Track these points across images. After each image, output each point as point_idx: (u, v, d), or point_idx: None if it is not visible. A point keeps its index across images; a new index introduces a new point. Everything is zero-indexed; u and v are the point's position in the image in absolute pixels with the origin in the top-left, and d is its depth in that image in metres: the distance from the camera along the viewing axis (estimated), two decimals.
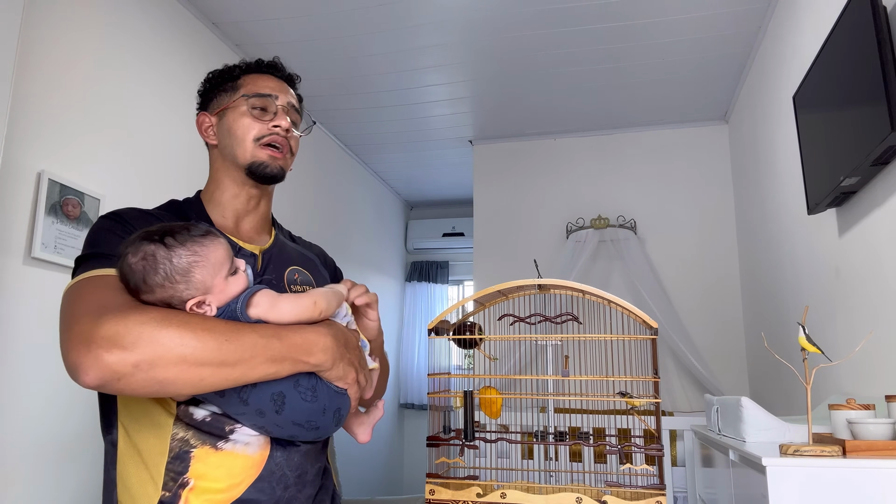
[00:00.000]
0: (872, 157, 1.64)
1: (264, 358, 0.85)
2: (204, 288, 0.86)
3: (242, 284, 0.90)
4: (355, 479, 4.39)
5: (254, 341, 0.84)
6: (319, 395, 0.91)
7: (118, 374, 0.76)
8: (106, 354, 0.76)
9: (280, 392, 0.88)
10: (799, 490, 1.23)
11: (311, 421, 0.92)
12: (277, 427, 0.91)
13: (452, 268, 5.82)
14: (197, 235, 0.88)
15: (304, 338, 0.89)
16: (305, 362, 0.89)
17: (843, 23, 1.81)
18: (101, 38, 2.28)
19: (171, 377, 0.79)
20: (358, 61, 3.23)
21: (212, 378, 0.81)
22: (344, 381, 0.94)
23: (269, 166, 1.08)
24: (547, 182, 4.22)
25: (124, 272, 0.86)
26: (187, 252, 0.86)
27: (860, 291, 1.95)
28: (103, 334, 0.77)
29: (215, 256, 0.88)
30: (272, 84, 1.12)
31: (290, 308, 0.90)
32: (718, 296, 3.79)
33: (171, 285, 0.84)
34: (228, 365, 0.82)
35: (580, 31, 2.96)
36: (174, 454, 0.90)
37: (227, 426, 0.91)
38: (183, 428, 0.91)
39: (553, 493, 1.44)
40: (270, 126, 1.08)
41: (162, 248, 0.85)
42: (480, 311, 1.81)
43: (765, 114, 2.99)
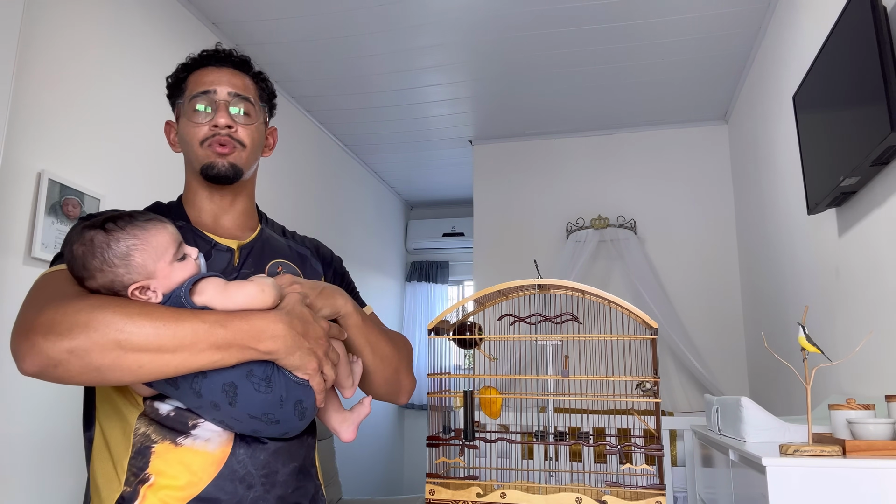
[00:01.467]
0: (872, 157, 1.64)
1: (207, 344, 0.81)
2: (146, 273, 0.85)
3: (190, 271, 0.88)
4: (355, 479, 4.39)
5: (195, 327, 0.81)
6: (275, 385, 0.87)
7: (54, 361, 0.75)
8: (42, 341, 0.75)
9: (231, 382, 0.85)
10: (799, 490, 1.23)
11: (268, 414, 0.88)
12: (236, 421, 0.88)
13: (452, 268, 5.82)
14: (139, 221, 0.87)
15: (252, 324, 0.85)
16: (254, 349, 0.85)
17: (842, 23, 1.81)
18: (101, 38, 2.28)
19: (108, 363, 0.77)
20: (358, 61, 3.23)
21: (150, 365, 0.79)
22: (303, 371, 0.89)
23: (216, 167, 1.04)
24: (547, 182, 4.22)
25: (68, 260, 0.86)
26: (127, 236, 0.85)
27: (860, 291, 1.95)
28: (41, 321, 0.77)
29: (157, 241, 0.86)
30: (212, 76, 1.07)
31: (237, 294, 0.87)
32: (718, 296, 3.79)
33: (109, 269, 0.83)
34: (167, 351, 0.79)
35: (580, 31, 2.96)
36: (136, 449, 0.89)
37: (189, 421, 0.90)
38: (146, 423, 0.90)
39: (553, 493, 1.44)
40: (211, 126, 1.04)
41: (101, 233, 0.84)
42: (480, 311, 1.81)
43: (765, 114, 2.99)
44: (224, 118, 1.04)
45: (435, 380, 1.69)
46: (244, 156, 1.07)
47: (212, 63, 1.09)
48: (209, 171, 1.04)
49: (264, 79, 1.16)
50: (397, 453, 5.41)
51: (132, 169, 2.38)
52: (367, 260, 4.83)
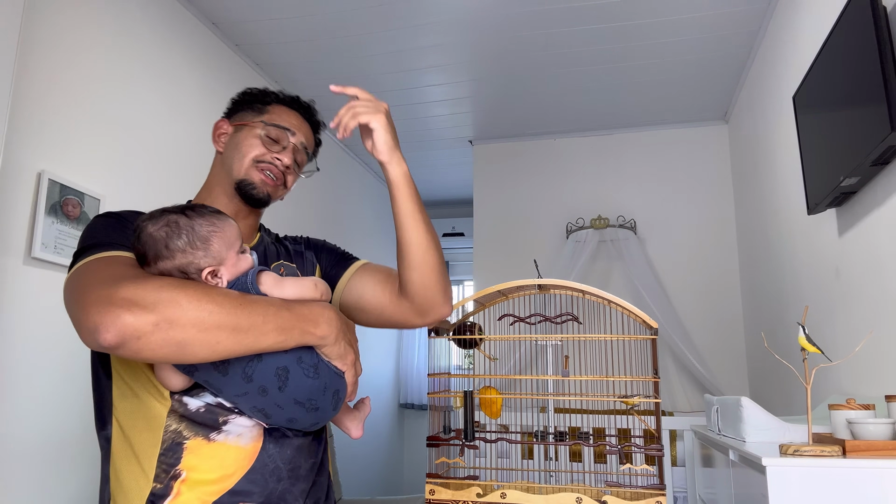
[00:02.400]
0: (872, 157, 1.64)
1: (274, 325, 0.87)
2: (219, 258, 0.90)
3: (249, 263, 0.94)
4: (355, 479, 4.39)
5: (265, 309, 0.87)
6: (321, 372, 0.93)
7: (138, 332, 0.77)
8: (126, 313, 0.77)
9: (284, 367, 0.90)
10: (799, 490, 1.23)
11: (312, 399, 0.93)
12: (277, 407, 0.92)
13: (452, 268, 5.83)
14: (212, 212, 0.93)
15: (311, 309, 0.92)
16: (312, 333, 0.91)
17: (843, 23, 1.81)
18: (101, 38, 2.28)
19: (189, 338, 0.80)
20: (358, 61, 3.23)
21: (227, 342, 0.83)
22: (343, 361, 0.95)
23: (256, 188, 1.10)
24: (547, 182, 4.22)
25: (143, 241, 0.89)
26: (206, 222, 0.91)
27: (860, 291, 1.95)
28: (123, 296, 0.79)
29: (230, 231, 0.93)
30: (295, 122, 1.15)
31: (293, 286, 0.95)
32: (718, 296, 3.79)
33: (192, 251, 0.88)
34: (242, 330, 0.84)
35: (580, 31, 2.96)
36: (166, 446, 0.91)
37: (220, 417, 0.93)
38: (176, 420, 0.92)
39: (553, 493, 1.44)
40: (274, 156, 1.11)
41: (184, 217, 0.90)
42: (480, 311, 1.81)
43: (765, 114, 2.99)
44: (289, 160, 1.12)
45: (435, 380, 1.69)
46: (281, 193, 1.15)
47: (302, 112, 1.19)
48: (248, 189, 1.10)
49: (319, 144, 1.25)
50: (397, 453, 5.41)
51: (132, 169, 2.38)
52: (367, 260, 4.83)
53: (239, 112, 1.16)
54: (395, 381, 5.44)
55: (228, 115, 1.17)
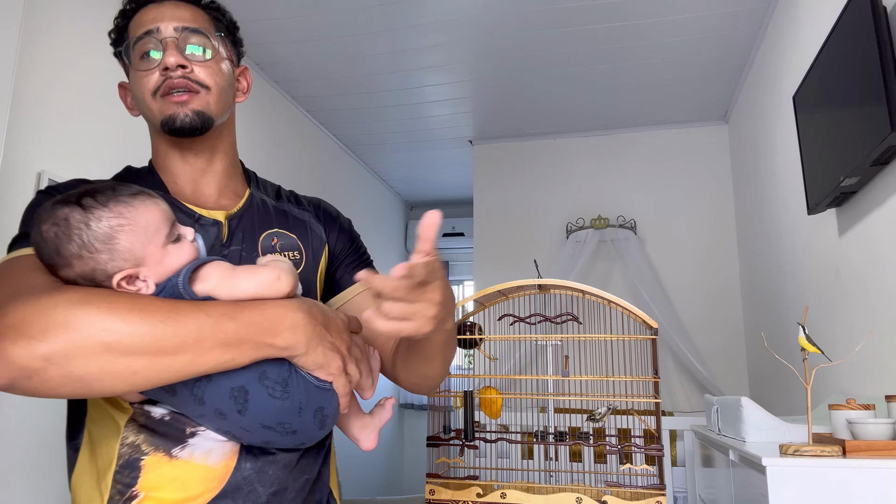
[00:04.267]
0: (872, 157, 1.64)
1: (215, 342, 0.68)
2: (134, 259, 0.71)
3: (188, 255, 0.75)
4: (355, 479, 4.39)
5: (199, 322, 0.68)
6: (293, 389, 0.74)
7: (27, 371, 0.62)
8: (10, 347, 0.61)
9: (241, 386, 0.72)
10: (799, 490, 1.23)
11: (283, 423, 0.75)
12: (245, 431, 0.75)
13: (452, 268, 5.83)
14: (124, 195, 0.72)
15: (267, 314, 0.71)
16: (270, 345, 0.71)
17: (843, 23, 1.81)
18: (101, 38, 2.28)
19: (95, 371, 0.64)
20: (358, 61, 3.23)
21: (147, 371, 0.66)
22: (326, 371, 0.76)
23: (177, 118, 0.87)
24: (547, 182, 4.22)
25: (37, 244, 0.71)
26: (110, 214, 0.70)
27: (860, 291, 1.95)
28: (9, 322, 0.62)
29: (146, 219, 0.72)
30: (153, 13, 0.90)
31: (247, 282, 0.73)
32: (718, 296, 3.79)
33: (90, 255, 0.69)
34: (167, 353, 0.66)
35: (580, 31, 2.96)
36: (123, 462, 0.76)
37: (187, 428, 0.76)
38: (134, 431, 0.76)
39: (553, 493, 1.44)
40: (161, 71, 0.86)
41: (77, 211, 0.70)
42: (480, 311, 1.81)
43: (765, 114, 2.99)
44: (173, 56, 0.86)
45: None
46: (211, 100, 0.89)
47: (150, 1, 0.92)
48: (171, 125, 0.87)
49: (217, 7, 0.97)
50: (397, 453, 5.41)
51: None
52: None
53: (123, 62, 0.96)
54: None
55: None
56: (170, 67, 0.86)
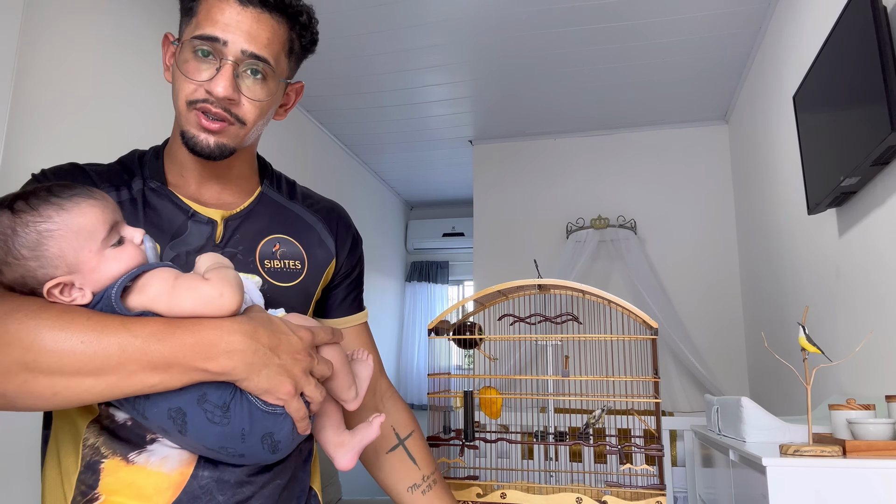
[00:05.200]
0: (872, 157, 1.64)
1: (140, 365, 0.64)
2: (66, 265, 0.66)
3: (130, 261, 0.69)
4: (355, 479, 4.39)
5: (123, 343, 0.64)
6: (234, 414, 0.69)
7: None
8: None
9: (178, 408, 0.68)
10: (799, 490, 1.23)
11: (226, 448, 0.71)
12: (195, 448, 0.73)
13: (452, 268, 5.83)
14: (58, 197, 0.67)
15: (199, 336, 0.66)
16: (203, 370, 0.67)
17: (843, 23, 1.81)
18: (101, 39, 2.28)
19: (14, 389, 0.61)
20: (358, 61, 3.23)
21: (67, 392, 0.62)
22: (274, 396, 0.70)
23: (197, 142, 0.80)
24: (547, 182, 4.22)
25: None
26: (38, 218, 0.66)
27: (860, 291, 1.95)
28: None
29: (78, 222, 0.67)
30: (229, 16, 0.78)
31: (186, 297, 0.67)
32: (718, 296, 3.79)
33: (17, 262, 0.65)
34: (88, 374, 0.62)
35: (580, 31, 2.96)
36: (85, 463, 0.73)
37: (148, 433, 0.73)
38: (95, 433, 0.73)
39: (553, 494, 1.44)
40: (205, 89, 0.78)
41: (6, 216, 0.66)
42: (480, 311, 1.81)
43: (765, 114, 2.99)
44: (224, 89, 0.77)
45: (435, 380, 1.69)
46: (241, 133, 0.82)
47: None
48: (188, 143, 0.80)
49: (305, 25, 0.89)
50: None
51: None
52: (367, 260, 4.81)
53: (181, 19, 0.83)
54: (395, 381, 5.44)
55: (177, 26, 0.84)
56: (216, 95, 0.78)
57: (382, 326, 5.15)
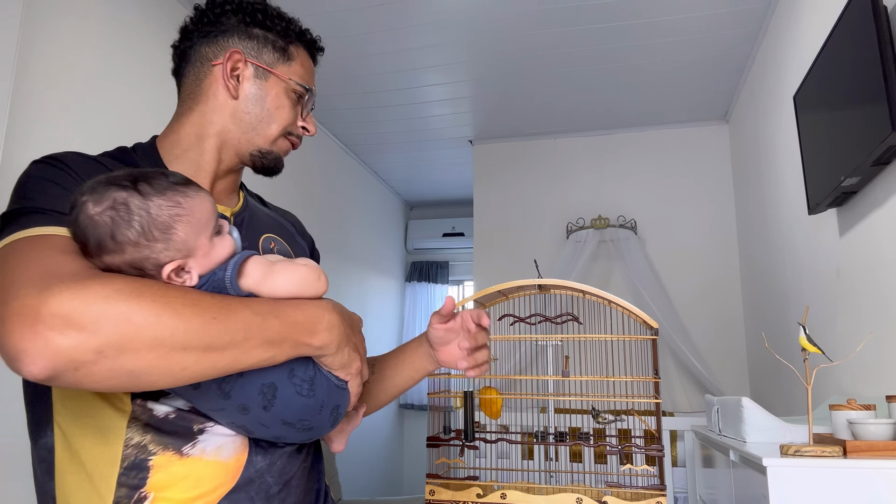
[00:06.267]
0: (873, 157, 1.64)
1: (260, 340, 0.69)
2: (186, 249, 0.70)
3: (229, 249, 0.74)
4: (355, 479, 4.39)
5: (247, 320, 0.68)
6: (317, 388, 0.76)
7: (76, 363, 0.59)
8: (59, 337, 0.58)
9: (272, 383, 0.73)
10: (799, 490, 1.22)
11: (304, 420, 0.76)
12: (262, 427, 0.76)
13: (452, 268, 5.82)
14: (178, 183, 0.71)
15: (306, 313, 0.73)
16: (307, 344, 0.73)
17: (843, 23, 1.81)
18: (101, 38, 2.28)
19: (145, 365, 0.62)
20: (358, 61, 3.23)
21: (196, 366, 0.65)
22: (347, 371, 0.78)
23: (280, 161, 0.94)
24: (547, 182, 4.22)
25: (83, 226, 0.67)
26: (168, 203, 0.69)
27: (861, 291, 1.95)
28: (54, 310, 0.59)
29: (201, 211, 0.71)
30: (312, 70, 0.98)
31: (288, 280, 0.74)
32: (718, 296, 3.79)
33: (146, 244, 0.67)
34: (217, 349, 0.66)
35: (580, 31, 2.96)
36: (128, 464, 0.73)
37: (195, 424, 0.75)
38: (139, 431, 0.74)
39: (553, 494, 1.44)
40: (300, 126, 0.95)
41: (136, 196, 0.67)
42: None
43: (765, 114, 2.98)
44: (314, 128, 0.96)
45: (435, 380, 1.69)
46: None
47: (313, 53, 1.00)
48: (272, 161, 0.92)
49: None
50: (397, 453, 5.41)
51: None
52: (367, 260, 4.83)
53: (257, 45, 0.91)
54: None
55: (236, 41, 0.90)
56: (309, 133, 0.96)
57: (382, 326, 5.15)
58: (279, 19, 0.94)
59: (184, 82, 0.93)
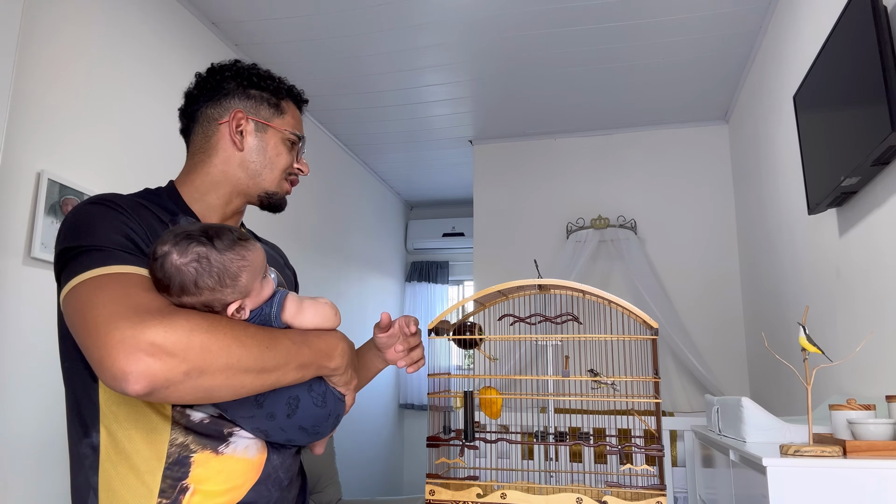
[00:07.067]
0: (873, 157, 1.64)
1: (296, 364, 0.87)
2: (245, 292, 0.87)
3: (271, 288, 0.91)
4: (355, 479, 4.39)
5: (288, 348, 0.87)
6: (328, 400, 0.94)
7: (168, 382, 0.75)
8: (156, 363, 0.74)
9: (296, 396, 0.90)
10: (799, 490, 1.23)
11: (315, 426, 0.94)
12: (280, 431, 0.92)
13: (452, 268, 5.82)
14: (241, 239, 0.88)
15: (327, 342, 0.93)
16: (325, 367, 0.92)
17: (843, 23, 1.81)
18: (100, 38, 2.28)
19: (217, 384, 0.79)
20: (358, 61, 3.23)
21: (251, 385, 0.83)
22: (347, 387, 0.97)
23: (284, 200, 1.11)
24: (547, 182, 4.22)
25: (168, 272, 0.82)
26: (237, 256, 0.86)
27: (860, 291, 1.95)
28: (151, 340, 0.75)
29: (258, 261, 0.88)
30: (300, 123, 1.14)
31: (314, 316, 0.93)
32: (719, 296, 3.79)
33: (220, 289, 0.84)
34: (267, 371, 0.84)
35: (580, 31, 2.96)
36: (172, 460, 0.88)
37: (225, 429, 0.91)
38: (181, 432, 0.89)
39: (553, 494, 1.44)
40: (297, 167, 1.11)
41: (214, 251, 0.84)
42: (480, 311, 1.81)
43: (765, 114, 2.99)
44: (307, 170, 1.13)
45: (435, 380, 1.69)
46: None
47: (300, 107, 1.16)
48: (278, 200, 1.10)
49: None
50: (397, 453, 5.41)
51: (131, 169, 2.38)
52: (367, 260, 4.83)
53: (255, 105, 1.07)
54: (395, 381, 5.44)
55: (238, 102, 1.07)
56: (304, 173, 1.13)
57: None
58: (270, 80, 1.10)
59: (193, 139, 1.08)
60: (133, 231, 0.89)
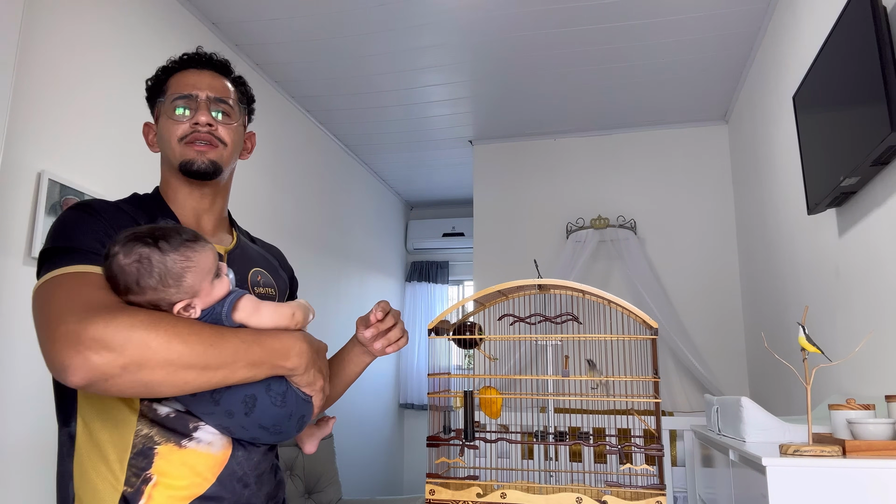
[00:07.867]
0: (872, 157, 1.64)
1: (245, 362, 0.88)
2: (192, 292, 0.88)
3: (225, 288, 0.92)
4: (355, 479, 4.39)
5: (236, 346, 0.87)
6: (288, 400, 0.94)
7: (106, 375, 0.78)
8: (94, 356, 0.77)
9: (252, 395, 0.91)
10: (799, 490, 1.23)
11: (276, 425, 0.95)
12: (242, 429, 0.93)
13: (452, 268, 5.82)
14: (189, 240, 0.89)
15: (283, 342, 0.93)
16: (281, 366, 0.92)
17: (842, 23, 1.81)
18: (101, 38, 2.28)
19: (158, 379, 0.81)
20: (358, 61, 3.23)
21: (195, 381, 0.84)
22: (311, 388, 0.97)
23: (195, 162, 1.07)
24: (547, 182, 4.22)
25: (114, 272, 0.86)
26: (181, 257, 0.87)
27: (860, 291, 1.95)
28: (92, 335, 0.78)
29: (205, 262, 0.90)
30: (193, 79, 1.10)
31: (271, 316, 0.94)
32: (718, 296, 3.79)
33: (163, 289, 0.86)
34: (212, 369, 0.84)
35: (580, 31, 2.96)
36: (137, 450, 0.91)
37: (190, 423, 0.93)
38: (147, 424, 0.92)
39: (553, 493, 1.44)
40: (191, 124, 1.07)
41: (157, 252, 0.86)
42: (480, 311, 1.81)
43: (765, 114, 2.99)
44: (205, 116, 1.07)
45: (435, 380, 1.69)
46: (225, 154, 1.10)
47: (192, 66, 1.12)
48: (189, 167, 1.07)
49: (243, 83, 1.19)
50: (397, 453, 5.41)
51: (132, 168, 2.38)
52: (367, 260, 4.83)
53: (153, 106, 1.13)
54: (395, 381, 5.44)
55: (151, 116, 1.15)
56: (199, 123, 1.07)
57: None
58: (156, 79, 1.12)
59: None
60: (107, 235, 0.93)
